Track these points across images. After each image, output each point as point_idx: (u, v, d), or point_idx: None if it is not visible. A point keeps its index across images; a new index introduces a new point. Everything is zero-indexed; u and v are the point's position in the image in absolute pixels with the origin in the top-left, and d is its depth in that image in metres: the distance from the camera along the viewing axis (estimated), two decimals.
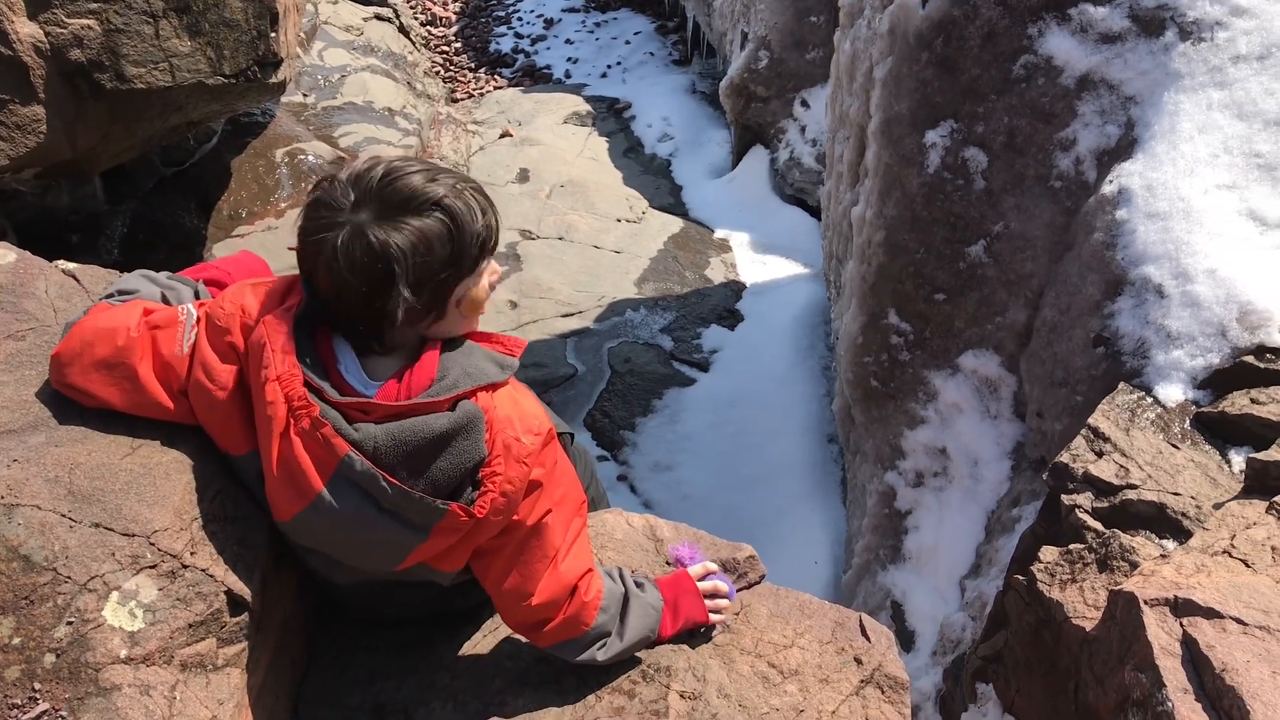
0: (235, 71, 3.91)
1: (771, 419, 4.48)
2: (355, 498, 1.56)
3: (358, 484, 1.55)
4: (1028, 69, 2.74)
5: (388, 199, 1.54)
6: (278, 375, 1.55)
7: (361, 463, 1.53)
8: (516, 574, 1.69)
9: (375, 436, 1.54)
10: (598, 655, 1.82)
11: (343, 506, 1.55)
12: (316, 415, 1.53)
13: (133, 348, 1.65)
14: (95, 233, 4.78)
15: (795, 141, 6.11)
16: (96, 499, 1.63)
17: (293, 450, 1.55)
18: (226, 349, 1.64)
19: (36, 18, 3.66)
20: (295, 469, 1.55)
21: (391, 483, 1.54)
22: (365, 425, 1.55)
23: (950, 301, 3.00)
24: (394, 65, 7.05)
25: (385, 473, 1.53)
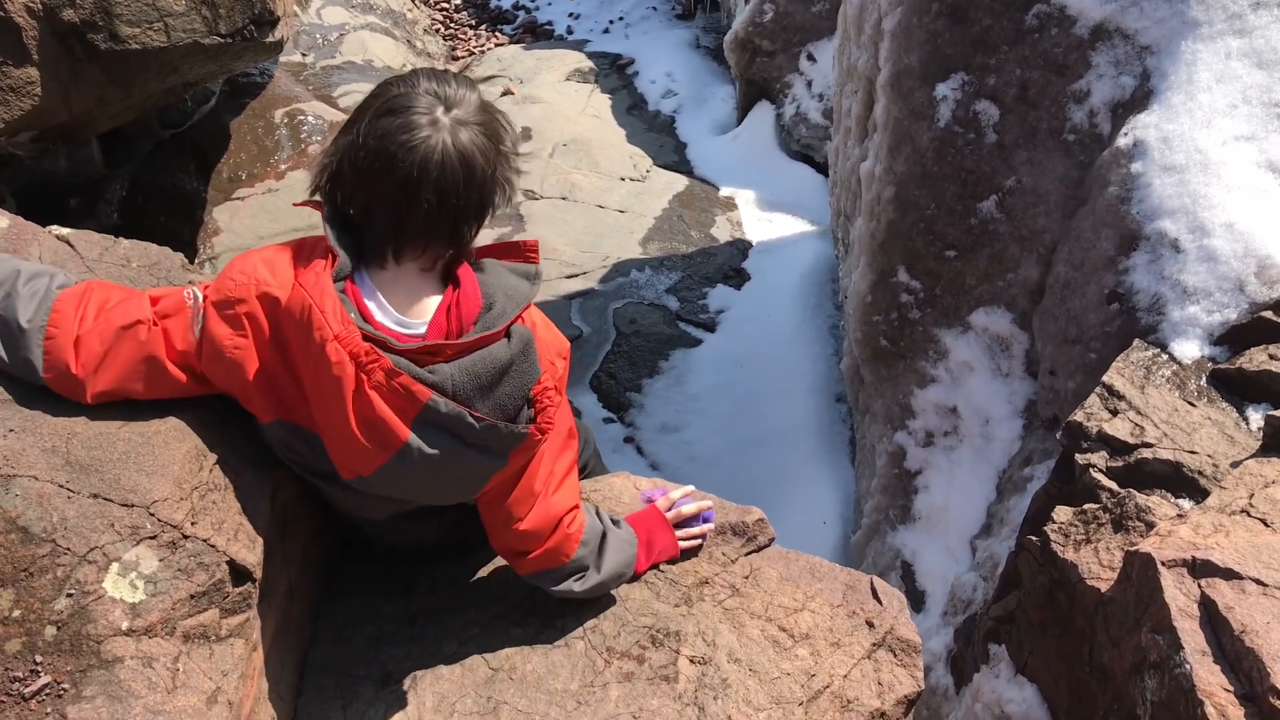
0: (231, 31, 3.85)
1: (779, 379, 4.44)
2: (442, 439, 1.58)
3: (443, 425, 1.57)
4: (1040, 19, 2.68)
5: (470, 105, 1.60)
6: (336, 335, 1.54)
7: (446, 404, 1.55)
8: (512, 498, 1.73)
9: (452, 376, 1.57)
10: (575, 587, 1.85)
11: (431, 450, 1.57)
12: (390, 366, 1.54)
13: (156, 341, 1.63)
14: (94, 197, 4.73)
15: (801, 96, 6.03)
16: (95, 469, 1.60)
17: (371, 405, 1.55)
18: (238, 320, 1.62)
19: None
20: (377, 423, 1.55)
21: (478, 418, 1.57)
22: (439, 366, 1.57)
23: (961, 258, 2.95)
24: (393, 23, 6.95)
25: (468, 409, 1.56)
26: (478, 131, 1.60)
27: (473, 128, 1.59)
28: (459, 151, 1.57)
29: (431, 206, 1.58)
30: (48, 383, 1.64)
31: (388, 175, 1.56)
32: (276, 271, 1.63)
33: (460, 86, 1.63)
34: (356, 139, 1.59)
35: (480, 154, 1.59)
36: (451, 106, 1.59)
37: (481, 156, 1.60)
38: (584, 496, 2.20)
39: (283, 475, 1.82)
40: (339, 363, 1.53)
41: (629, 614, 1.94)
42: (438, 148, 1.55)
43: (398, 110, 1.57)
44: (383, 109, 1.59)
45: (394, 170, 1.56)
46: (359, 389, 1.54)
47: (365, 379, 1.54)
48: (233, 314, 1.61)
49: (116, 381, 1.64)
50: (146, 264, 1.98)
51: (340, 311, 1.55)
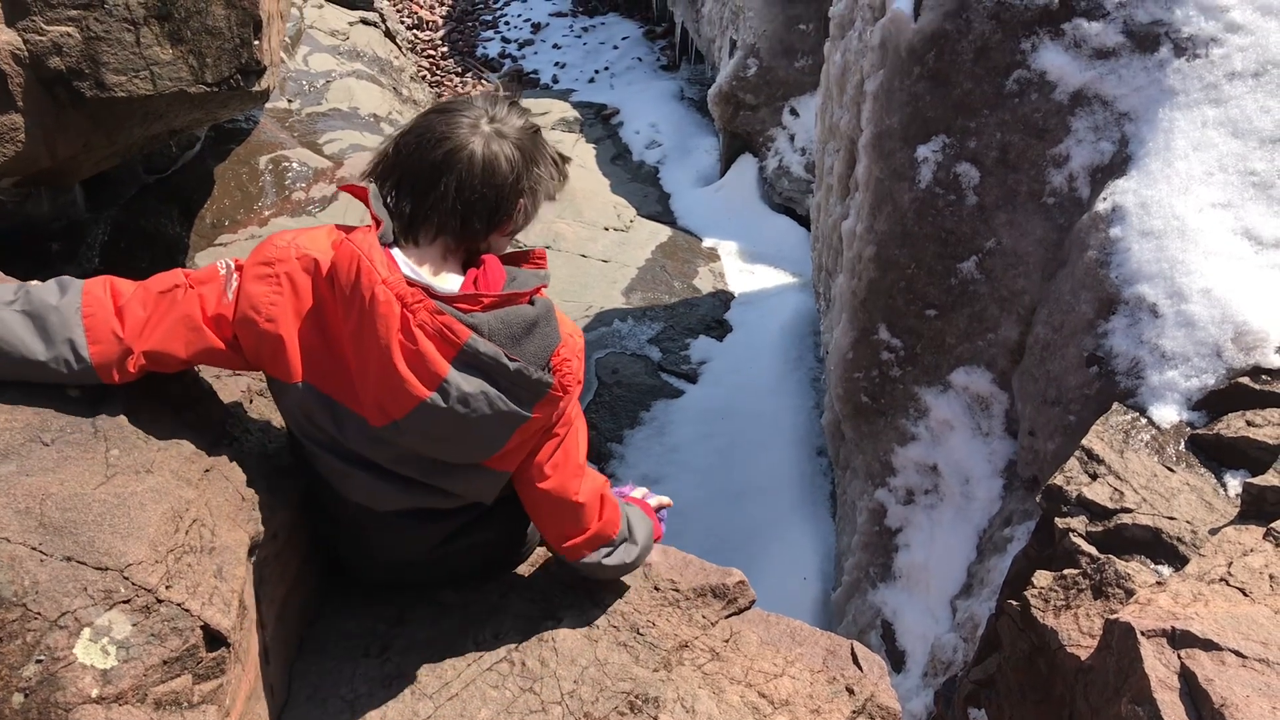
0: (217, 80, 3.86)
1: (760, 431, 4.44)
2: (476, 378, 1.71)
3: (479, 365, 1.70)
4: (1021, 84, 2.72)
5: (512, 126, 1.79)
6: (384, 279, 1.67)
7: (485, 344, 1.69)
8: (559, 475, 1.86)
9: (488, 322, 1.71)
10: (626, 558, 2.00)
11: (466, 388, 1.70)
12: (434, 307, 1.67)
13: (192, 302, 1.73)
14: (76, 241, 4.71)
15: (784, 150, 6.08)
16: (69, 531, 1.58)
17: (415, 342, 1.67)
18: (276, 279, 1.72)
19: (15, 25, 3.60)
20: (420, 359, 1.68)
21: (511, 358, 1.70)
22: (476, 313, 1.71)
23: (942, 318, 2.97)
24: (380, 70, 6.99)
25: (504, 350, 1.71)
26: (512, 145, 1.77)
27: (508, 142, 1.77)
28: (486, 153, 1.75)
29: (448, 192, 1.74)
30: (92, 358, 1.68)
31: (420, 158, 1.75)
32: (315, 241, 1.75)
33: (513, 113, 1.82)
34: (409, 129, 1.80)
35: (505, 162, 1.76)
36: (496, 121, 1.78)
37: (506, 164, 1.76)
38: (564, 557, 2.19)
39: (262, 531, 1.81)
40: (386, 302, 1.66)
41: (607, 679, 1.92)
42: (468, 145, 1.74)
43: (448, 111, 1.79)
44: (437, 108, 1.81)
45: (426, 154, 1.75)
46: (405, 327, 1.67)
47: (410, 317, 1.67)
48: (271, 273, 1.71)
49: (161, 342, 1.71)
50: None
51: (389, 261, 1.69)
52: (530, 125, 1.82)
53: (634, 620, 2.05)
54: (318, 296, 1.72)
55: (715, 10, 6.75)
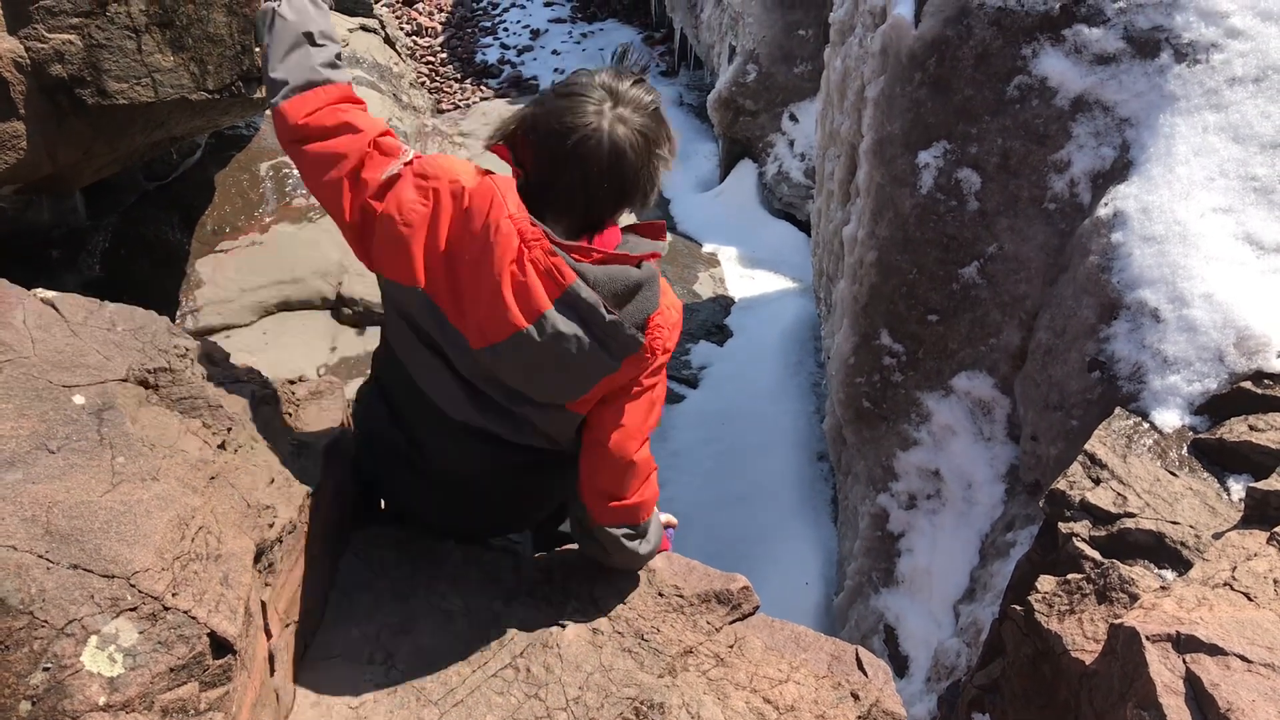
0: (219, 87, 3.86)
1: (761, 436, 4.45)
2: (573, 321, 1.80)
3: (577, 309, 1.80)
4: (1022, 90, 2.72)
5: (637, 104, 1.82)
6: (510, 214, 1.77)
7: (587, 291, 1.78)
8: (625, 431, 1.94)
9: (595, 273, 1.80)
10: (640, 549, 2.08)
11: (561, 327, 1.80)
12: (549, 247, 1.77)
13: (357, 154, 1.90)
14: (77, 248, 4.71)
15: (784, 155, 6.09)
16: (75, 539, 1.58)
17: (524, 275, 1.78)
18: (426, 191, 1.84)
19: (17, 33, 3.60)
20: (526, 290, 1.79)
21: (610, 311, 1.79)
22: (585, 264, 1.80)
23: (943, 323, 2.98)
24: (379, 77, 7.00)
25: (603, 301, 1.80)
26: (636, 129, 1.80)
27: (633, 125, 1.79)
28: (612, 143, 1.78)
29: (575, 182, 1.81)
30: (279, 105, 1.96)
31: (547, 146, 1.81)
32: (465, 171, 1.85)
33: (636, 88, 1.84)
34: (534, 109, 1.86)
35: (630, 150, 1.79)
36: (620, 103, 1.81)
37: (631, 152, 1.80)
38: (567, 563, 2.20)
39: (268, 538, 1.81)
40: (508, 235, 1.77)
41: (612, 685, 1.92)
42: (594, 135, 1.77)
43: (573, 94, 1.82)
44: (562, 91, 1.84)
45: (553, 143, 1.80)
46: (519, 259, 1.78)
47: (526, 251, 1.77)
48: (425, 186, 1.83)
49: (314, 158, 1.93)
50: (132, 328, 1.97)
51: (519, 204, 1.79)
52: (653, 103, 1.85)
53: (638, 626, 2.05)
54: (453, 219, 1.83)
55: (714, 16, 6.76)
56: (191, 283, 4.81)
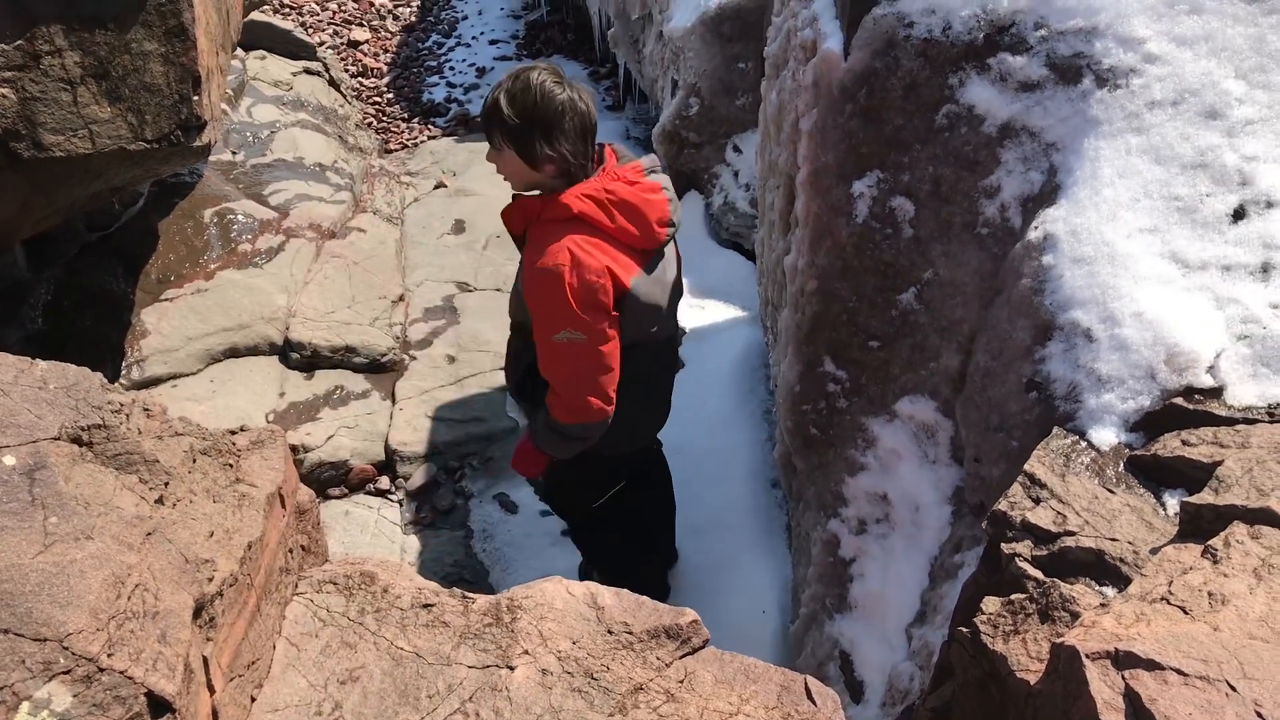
0: (158, 136, 3.85)
1: (715, 466, 4.46)
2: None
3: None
4: (950, 118, 2.78)
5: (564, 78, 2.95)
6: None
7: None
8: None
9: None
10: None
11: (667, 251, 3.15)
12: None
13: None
14: (18, 301, 4.66)
15: (729, 186, 6.15)
16: (5, 603, 1.56)
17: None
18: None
19: None
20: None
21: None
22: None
23: (885, 348, 3.01)
24: (324, 119, 6.99)
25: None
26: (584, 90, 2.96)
27: (580, 89, 2.95)
28: (586, 104, 2.94)
29: (587, 136, 2.96)
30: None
31: (569, 129, 2.90)
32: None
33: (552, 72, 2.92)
34: (538, 124, 2.85)
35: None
36: (565, 81, 2.94)
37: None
38: (515, 604, 2.19)
39: (207, 593, 1.79)
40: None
41: None
42: (580, 103, 2.93)
43: (547, 94, 2.86)
44: (535, 97, 2.84)
45: (574, 123, 2.91)
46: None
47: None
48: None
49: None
50: (64, 385, 1.95)
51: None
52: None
53: (588, 665, 2.05)
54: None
55: (656, 51, 6.83)
56: (137, 332, 4.76)
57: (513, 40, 10.10)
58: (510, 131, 2.84)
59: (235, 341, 4.89)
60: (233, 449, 2.29)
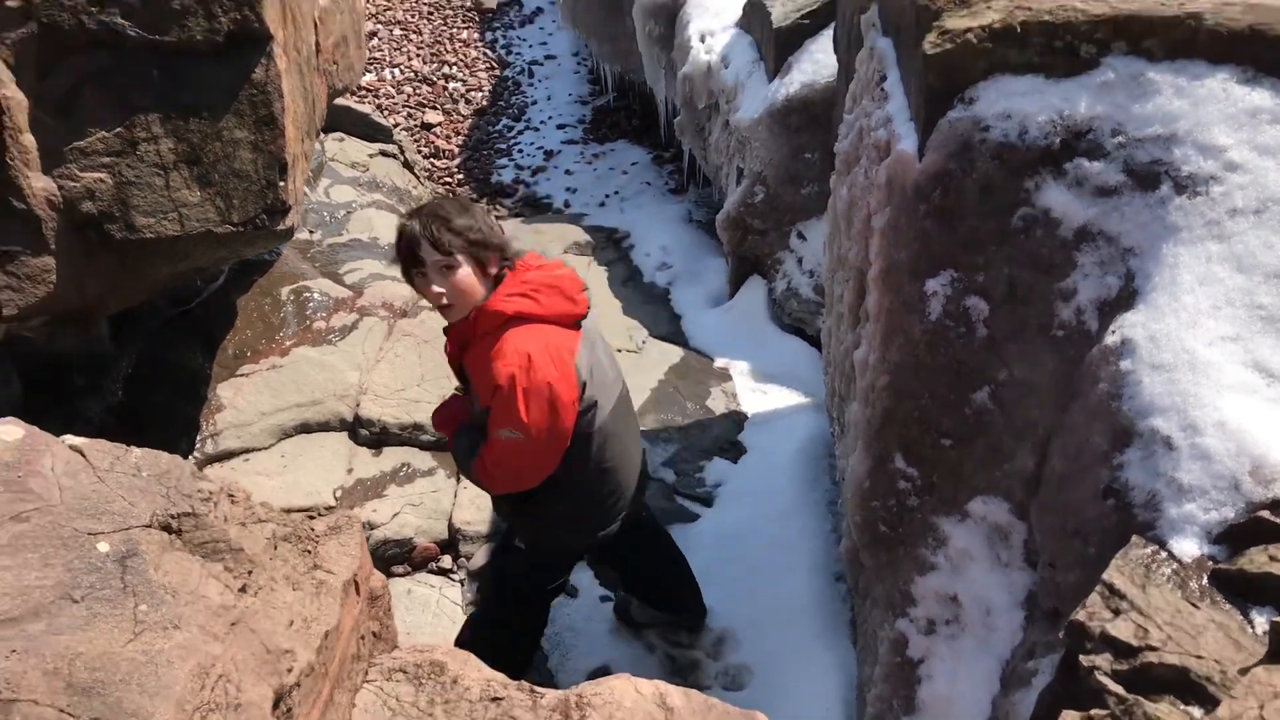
0: (244, 220, 3.98)
1: (778, 557, 4.42)
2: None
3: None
4: (1026, 221, 2.78)
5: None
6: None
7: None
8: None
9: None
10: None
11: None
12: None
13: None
14: (100, 374, 4.79)
15: (792, 272, 6.18)
16: (96, 691, 1.59)
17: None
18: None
19: (51, 172, 3.74)
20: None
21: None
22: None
23: (957, 447, 2.99)
24: (398, 200, 7.17)
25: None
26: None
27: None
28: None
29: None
30: None
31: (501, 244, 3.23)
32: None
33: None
34: (487, 242, 3.11)
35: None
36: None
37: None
38: (585, 700, 2.19)
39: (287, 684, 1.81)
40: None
41: None
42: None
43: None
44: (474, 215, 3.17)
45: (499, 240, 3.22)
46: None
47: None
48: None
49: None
50: (156, 473, 2.01)
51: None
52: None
53: None
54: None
55: (722, 139, 6.93)
56: (212, 406, 4.87)
57: (579, 125, 10.33)
58: (471, 242, 3.03)
59: (307, 417, 4.98)
60: (311, 535, 2.33)
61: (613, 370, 3.43)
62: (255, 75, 3.84)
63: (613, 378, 3.41)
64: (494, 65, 11.41)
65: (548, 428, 3.04)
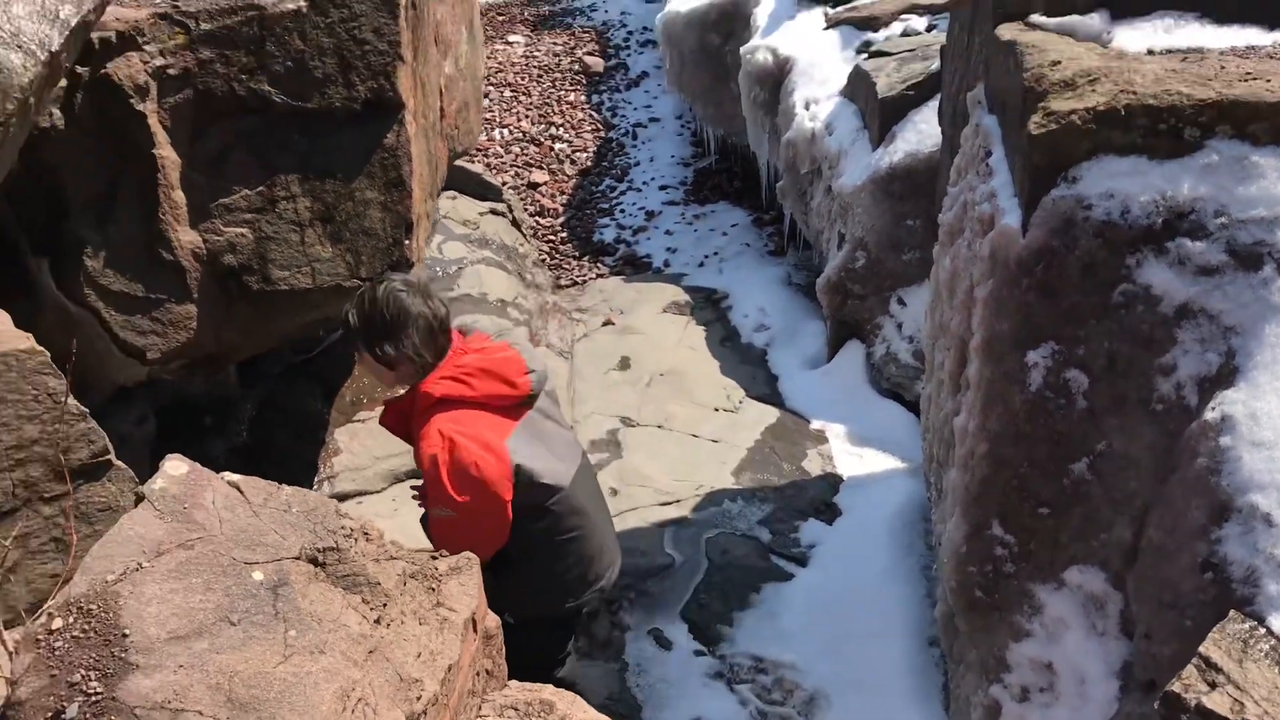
0: (371, 275, 4.23)
1: (872, 619, 4.46)
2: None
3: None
4: (1127, 297, 2.85)
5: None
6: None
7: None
8: None
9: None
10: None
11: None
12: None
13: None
14: (226, 416, 5.08)
15: (892, 337, 6.25)
16: (253, 707, 1.76)
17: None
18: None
19: (197, 226, 4.04)
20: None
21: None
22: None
23: (1054, 516, 3.04)
24: (506, 257, 7.44)
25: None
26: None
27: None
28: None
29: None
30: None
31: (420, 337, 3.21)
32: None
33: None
34: (395, 336, 3.16)
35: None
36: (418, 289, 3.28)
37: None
38: None
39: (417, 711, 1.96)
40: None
41: None
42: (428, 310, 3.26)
43: (399, 306, 3.19)
44: (387, 309, 3.20)
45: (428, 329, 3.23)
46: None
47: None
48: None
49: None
50: (305, 509, 2.19)
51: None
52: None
53: None
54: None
55: (824, 204, 7.06)
56: (330, 450, 5.11)
57: (681, 186, 10.55)
58: (362, 340, 3.18)
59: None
60: (435, 574, 2.49)
61: (566, 447, 3.44)
62: (387, 140, 4.10)
63: (566, 453, 3.41)
64: (599, 127, 11.73)
65: (476, 505, 3.08)
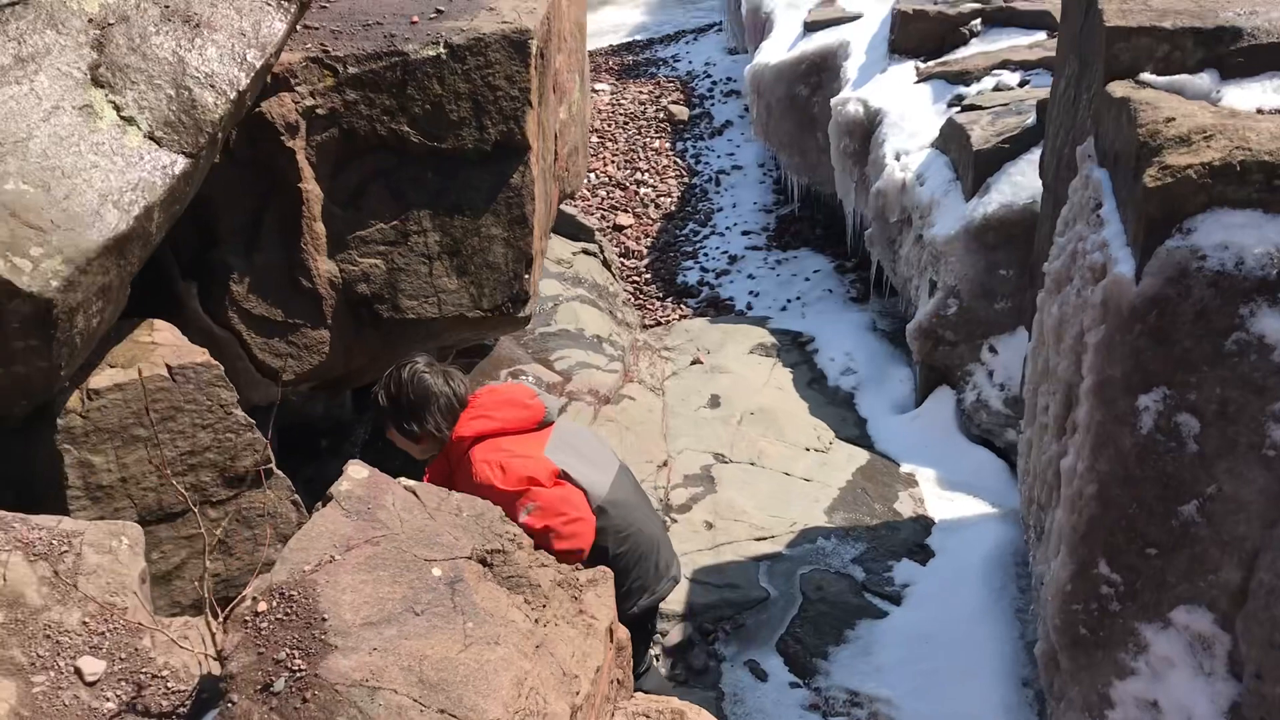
0: (492, 306, 4.45)
1: (965, 659, 4.53)
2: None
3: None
4: (1239, 345, 2.95)
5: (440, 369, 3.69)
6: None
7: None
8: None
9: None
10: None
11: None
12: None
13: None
14: (341, 438, 5.32)
15: (983, 384, 6.34)
16: (442, 688, 1.93)
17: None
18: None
19: (334, 256, 4.29)
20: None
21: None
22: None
23: (1162, 557, 3.12)
24: (598, 295, 7.66)
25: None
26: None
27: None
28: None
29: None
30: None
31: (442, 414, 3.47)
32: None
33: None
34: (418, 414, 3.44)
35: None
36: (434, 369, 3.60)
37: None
38: None
39: (578, 705, 2.11)
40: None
41: None
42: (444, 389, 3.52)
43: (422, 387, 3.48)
44: (413, 391, 3.47)
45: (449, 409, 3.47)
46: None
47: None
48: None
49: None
50: (474, 514, 2.38)
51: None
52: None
53: None
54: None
55: (913, 252, 7.19)
56: None
57: (763, 232, 10.73)
58: (390, 418, 3.46)
59: None
60: (577, 583, 2.66)
61: (599, 448, 3.67)
62: (513, 180, 4.33)
63: (602, 456, 3.60)
64: (683, 173, 11.98)
65: (545, 499, 3.11)
